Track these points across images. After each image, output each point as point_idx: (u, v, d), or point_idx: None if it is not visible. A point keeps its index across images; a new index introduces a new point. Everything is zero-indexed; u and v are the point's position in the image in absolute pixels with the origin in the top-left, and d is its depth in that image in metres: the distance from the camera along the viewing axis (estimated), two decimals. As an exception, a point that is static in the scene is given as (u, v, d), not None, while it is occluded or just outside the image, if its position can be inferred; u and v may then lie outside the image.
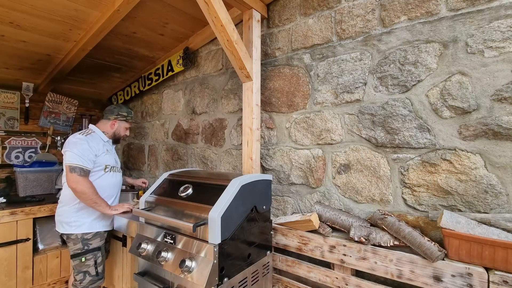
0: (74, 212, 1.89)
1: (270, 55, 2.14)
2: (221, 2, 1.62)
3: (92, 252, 1.91)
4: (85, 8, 1.95)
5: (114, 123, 2.10)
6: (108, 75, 3.20)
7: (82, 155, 1.81)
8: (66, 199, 1.92)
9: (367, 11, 1.68)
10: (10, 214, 2.37)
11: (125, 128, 2.18)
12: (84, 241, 1.89)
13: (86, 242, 1.89)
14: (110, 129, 2.09)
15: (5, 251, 2.33)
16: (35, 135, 3.29)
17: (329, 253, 1.56)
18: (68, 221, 1.88)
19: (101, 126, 2.09)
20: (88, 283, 1.89)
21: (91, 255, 1.90)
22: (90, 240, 1.91)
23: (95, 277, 1.91)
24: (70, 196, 1.89)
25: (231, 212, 1.41)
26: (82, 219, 1.90)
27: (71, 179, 1.77)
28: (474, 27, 1.35)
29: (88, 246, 1.90)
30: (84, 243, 1.89)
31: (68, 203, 1.90)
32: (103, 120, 2.12)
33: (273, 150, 2.09)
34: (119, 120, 2.13)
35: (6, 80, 2.95)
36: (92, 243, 1.92)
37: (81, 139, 1.88)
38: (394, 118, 1.56)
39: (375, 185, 1.63)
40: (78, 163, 1.79)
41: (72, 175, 1.77)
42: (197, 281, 1.32)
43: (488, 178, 1.31)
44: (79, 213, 1.90)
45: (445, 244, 1.27)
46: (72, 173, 1.77)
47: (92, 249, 1.91)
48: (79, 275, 1.87)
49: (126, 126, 2.18)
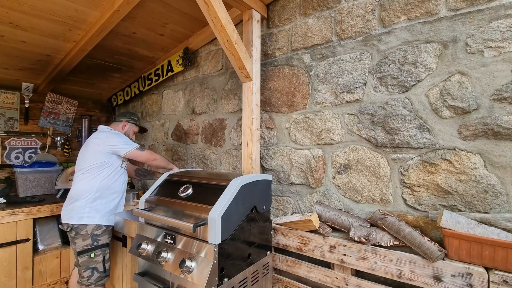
0: (89, 202, 1.93)
1: (270, 55, 2.14)
2: (221, 2, 1.62)
3: (101, 248, 1.93)
4: (85, 9, 1.95)
5: (125, 125, 2.26)
6: (108, 75, 3.20)
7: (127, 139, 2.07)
8: (79, 193, 1.94)
9: (367, 11, 1.68)
10: (10, 215, 2.36)
11: (133, 131, 2.34)
12: (94, 236, 1.91)
13: (96, 238, 1.91)
14: (121, 130, 2.22)
15: (5, 252, 2.33)
16: (35, 135, 3.29)
17: (329, 253, 1.56)
18: (81, 213, 1.90)
19: (113, 127, 2.21)
20: (96, 280, 1.89)
21: (100, 251, 1.92)
22: (100, 236, 1.93)
23: (102, 273, 1.92)
24: (84, 190, 1.94)
25: (231, 212, 1.41)
26: (96, 211, 1.93)
27: (141, 156, 2.03)
28: (473, 27, 1.35)
29: (97, 242, 1.91)
30: (94, 238, 1.90)
31: (81, 197, 1.93)
32: (114, 123, 2.27)
33: (273, 150, 2.09)
34: (130, 123, 2.30)
35: (6, 81, 2.95)
36: (102, 239, 1.94)
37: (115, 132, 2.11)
38: (394, 118, 1.56)
39: (375, 185, 1.63)
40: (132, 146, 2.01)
41: (139, 152, 2.02)
42: (197, 281, 1.32)
43: (488, 178, 1.31)
44: (93, 204, 1.93)
45: (445, 244, 1.27)
46: (138, 151, 2.01)
47: (101, 245, 1.93)
48: (87, 271, 1.87)
49: (134, 130, 2.35)
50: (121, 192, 2.15)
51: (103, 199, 1.97)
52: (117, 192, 2.08)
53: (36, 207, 2.51)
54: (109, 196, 2.02)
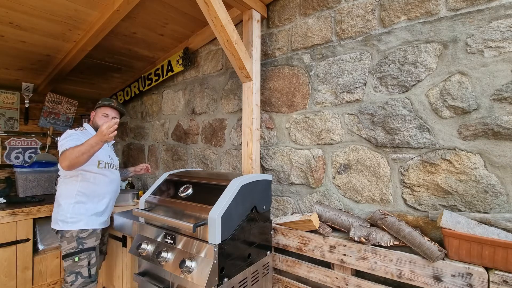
0: (71, 206, 1.85)
1: (270, 55, 2.14)
2: (220, 2, 1.62)
3: (87, 251, 1.85)
4: (84, 9, 1.95)
5: (92, 114, 2.11)
6: (108, 75, 3.20)
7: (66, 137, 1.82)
8: (61, 197, 1.88)
9: (367, 11, 1.68)
10: (10, 215, 2.37)
11: (103, 115, 2.05)
12: (79, 239, 1.83)
13: (81, 241, 1.84)
14: (90, 123, 2.11)
15: (5, 252, 2.33)
16: (35, 135, 3.29)
17: (329, 253, 1.56)
18: (64, 218, 1.84)
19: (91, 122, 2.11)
20: (80, 285, 1.81)
21: (85, 255, 1.84)
22: (86, 239, 1.85)
23: (87, 278, 1.84)
24: (64, 195, 1.87)
25: (231, 212, 1.41)
26: (79, 215, 1.85)
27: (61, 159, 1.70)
28: (473, 27, 1.35)
29: (82, 245, 1.84)
30: (79, 241, 1.83)
31: (62, 201, 1.87)
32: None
33: (273, 150, 2.09)
34: (96, 110, 2.10)
35: (6, 81, 2.95)
36: (87, 242, 1.86)
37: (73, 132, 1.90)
38: (394, 118, 1.56)
39: (375, 185, 1.63)
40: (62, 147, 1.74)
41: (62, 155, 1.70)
42: (197, 281, 1.32)
43: (488, 178, 1.31)
44: (75, 208, 1.85)
45: (445, 244, 1.27)
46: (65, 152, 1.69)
47: (87, 249, 1.85)
48: (71, 276, 1.80)
49: (103, 113, 2.06)
50: (109, 193, 2.03)
51: (86, 203, 1.89)
52: (102, 194, 1.97)
53: (36, 207, 2.51)
54: (94, 198, 1.93)
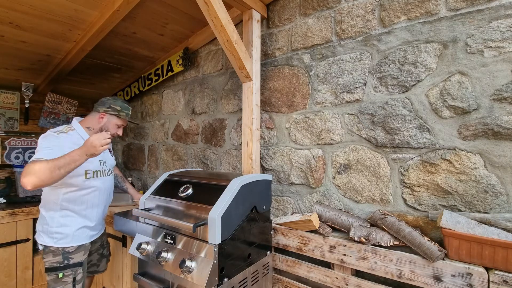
0: (55, 220, 1.63)
1: (270, 55, 2.14)
2: (220, 2, 1.62)
3: (73, 267, 1.62)
4: (84, 8, 1.95)
5: (102, 117, 1.73)
6: (108, 75, 3.20)
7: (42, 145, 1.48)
8: (45, 208, 1.67)
9: (367, 11, 1.68)
10: (10, 215, 2.37)
11: (116, 125, 1.78)
12: (65, 254, 1.62)
13: (67, 256, 1.62)
14: (97, 123, 1.73)
15: (5, 252, 2.33)
16: (35, 135, 3.29)
17: (329, 253, 1.56)
18: (48, 232, 1.62)
19: (87, 121, 1.75)
20: None
21: (70, 271, 1.61)
22: (72, 254, 1.63)
23: None
24: (47, 207, 1.65)
25: (231, 212, 1.41)
26: (65, 229, 1.63)
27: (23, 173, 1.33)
28: (473, 27, 1.35)
29: (68, 261, 1.61)
30: (64, 256, 1.61)
31: (48, 211, 1.65)
32: (92, 113, 1.76)
33: (273, 150, 2.09)
34: (109, 114, 1.74)
35: (6, 81, 2.95)
36: (74, 257, 1.64)
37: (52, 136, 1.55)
38: (394, 118, 1.56)
39: (375, 185, 1.63)
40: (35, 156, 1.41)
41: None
42: (197, 281, 1.32)
43: (488, 178, 1.31)
44: (60, 222, 1.63)
45: (445, 244, 1.27)
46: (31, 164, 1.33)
47: (73, 264, 1.63)
48: None
49: (117, 123, 1.78)
50: (100, 205, 1.80)
51: (73, 217, 1.66)
52: (91, 206, 1.73)
53: (36, 207, 2.52)
54: (82, 212, 1.70)
